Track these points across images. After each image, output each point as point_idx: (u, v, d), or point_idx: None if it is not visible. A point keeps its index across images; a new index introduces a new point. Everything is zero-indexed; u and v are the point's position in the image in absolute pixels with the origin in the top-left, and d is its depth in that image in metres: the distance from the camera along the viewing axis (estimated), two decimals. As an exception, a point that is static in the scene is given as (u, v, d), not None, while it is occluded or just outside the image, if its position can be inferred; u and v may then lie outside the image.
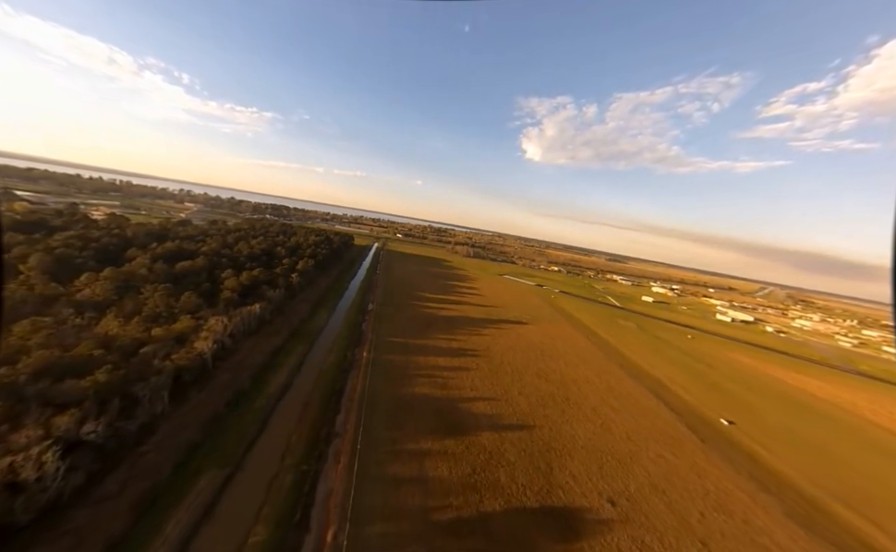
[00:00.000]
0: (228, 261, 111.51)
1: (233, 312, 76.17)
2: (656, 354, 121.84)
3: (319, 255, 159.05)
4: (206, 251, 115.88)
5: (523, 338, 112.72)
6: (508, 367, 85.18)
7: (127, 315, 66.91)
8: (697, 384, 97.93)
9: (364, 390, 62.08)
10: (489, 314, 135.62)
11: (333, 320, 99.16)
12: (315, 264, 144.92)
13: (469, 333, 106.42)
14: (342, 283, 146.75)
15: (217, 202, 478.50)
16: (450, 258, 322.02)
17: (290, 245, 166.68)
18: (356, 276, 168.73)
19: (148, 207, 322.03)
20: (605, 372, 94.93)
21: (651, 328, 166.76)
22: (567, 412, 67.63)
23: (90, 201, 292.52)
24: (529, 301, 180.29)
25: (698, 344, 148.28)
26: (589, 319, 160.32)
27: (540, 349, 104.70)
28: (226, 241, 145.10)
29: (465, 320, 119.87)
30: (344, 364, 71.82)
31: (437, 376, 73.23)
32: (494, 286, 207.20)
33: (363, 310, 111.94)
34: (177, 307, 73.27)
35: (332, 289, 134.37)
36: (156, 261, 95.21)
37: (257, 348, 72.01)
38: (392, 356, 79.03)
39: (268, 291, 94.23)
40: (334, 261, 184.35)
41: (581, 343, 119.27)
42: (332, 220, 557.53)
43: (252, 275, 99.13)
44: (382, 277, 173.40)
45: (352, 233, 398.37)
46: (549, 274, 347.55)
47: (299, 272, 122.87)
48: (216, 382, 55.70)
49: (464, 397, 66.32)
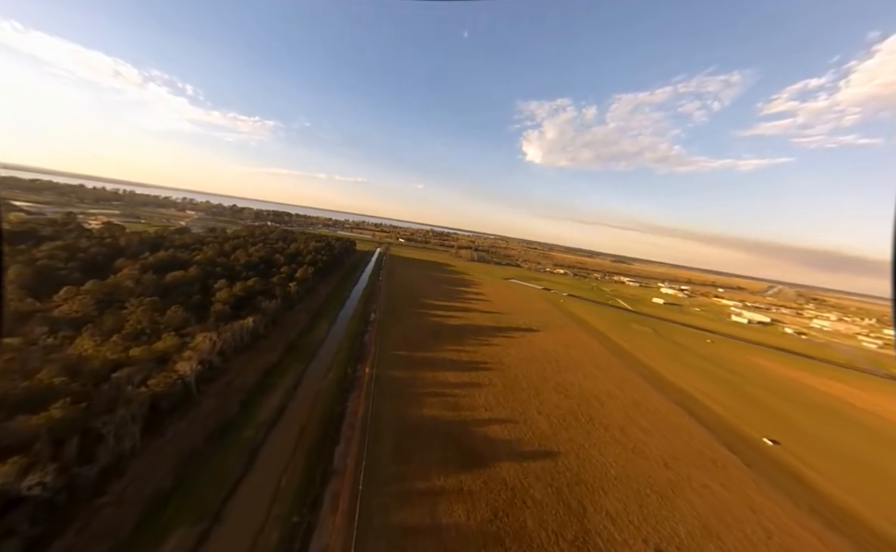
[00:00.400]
0: (223, 271, 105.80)
1: (223, 327, 70.04)
2: (677, 362, 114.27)
3: (319, 262, 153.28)
4: (200, 260, 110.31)
5: (536, 347, 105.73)
6: (523, 382, 78.26)
7: (106, 332, 60.96)
8: (727, 395, 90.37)
9: (367, 414, 55.49)
10: (498, 321, 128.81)
11: (334, 332, 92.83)
12: (315, 271, 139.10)
13: (479, 343, 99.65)
14: (343, 291, 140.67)
15: (219, 210, 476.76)
16: (454, 263, 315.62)
17: (289, 252, 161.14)
18: (358, 283, 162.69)
19: (148, 215, 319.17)
20: (627, 384, 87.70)
21: (667, 332, 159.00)
22: (593, 433, 60.59)
23: (91, 211, 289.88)
24: (538, 306, 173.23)
25: (719, 349, 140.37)
26: (602, 324, 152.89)
27: (555, 359, 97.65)
28: (223, 249, 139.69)
29: (473, 329, 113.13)
30: (344, 382, 65.30)
31: (447, 394, 66.52)
32: (501, 291, 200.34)
33: (365, 320, 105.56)
34: (162, 323, 67.23)
35: (333, 297, 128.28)
36: (145, 272, 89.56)
37: (249, 366, 65.71)
38: (397, 372, 72.43)
39: (263, 302, 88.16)
40: (336, 268, 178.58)
41: (597, 351, 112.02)
42: (335, 225, 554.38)
43: (247, 285, 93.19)
44: (385, 283, 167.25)
45: (354, 238, 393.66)
46: (555, 277, 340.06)
47: (298, 281, 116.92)
48: (200, 409, 49.38)
49: (478, 419, 59.53)
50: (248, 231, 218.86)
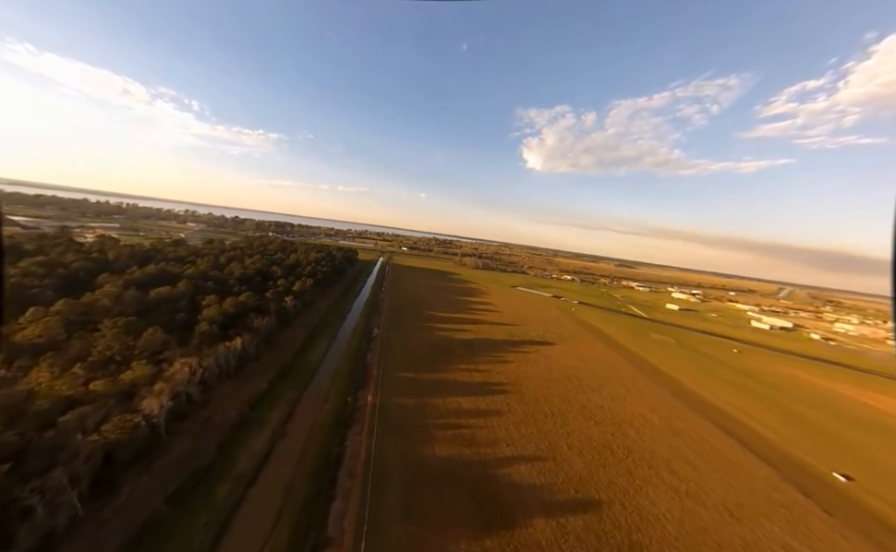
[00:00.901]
0: (214, 285, 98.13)
1: (207, 351, 61.97)
2: (707, 375, 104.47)
3: (319, 273, 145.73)
4: (191, 274, 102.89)
5: (553, 362, 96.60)
6: (546, 406, 69.19)
7: (69, 361, 53.11)
8: (773, 415, 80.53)
9: (369, 456, 46.78)
10: (510, 334, 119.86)
11: (333, 351, 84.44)
12: (315, 284, 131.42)
13: (492, 360, 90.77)
14: (344, 304, 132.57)
15: (220, 221, 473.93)
16: (458, 271, 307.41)
17: (288, 263, 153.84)
18: (360, 294, 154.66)
19: (148, 228, 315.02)
20: (660, 404, 78.26)
21: (689, 341, 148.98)
22: (635, 472, 51.35)
23: (90, 224, 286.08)
24: (550, 315, 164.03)
25: (748, 360, 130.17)
26: (620, 334, 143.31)
27: (577, 377, 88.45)
28: (218, 261, 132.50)
29: (484, 344, 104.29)
30: (343, 414, 56.70)
31: (461, 425, 57.68)
32: (509, 300, 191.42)
33: (368, 336, 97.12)
34: (137, 348, 59.34)
35: (333, 311, 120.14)
36: (128, 288, 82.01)
37: (234, 396, 57.40)
38: (403, 399, 63.74)
39: (256, 319, 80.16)
40: (337, 279, 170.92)
41: (620, 366, 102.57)
42: (337, 235, 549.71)
43: (238, 301, 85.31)
44: (389, 294, 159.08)
45: (356, 247, 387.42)
46: (563, 284, 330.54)
47: (295, 294, 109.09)
48: (167, 457, 41.00)
49: (500, 457, 50.59)
50: (247, 242, 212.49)
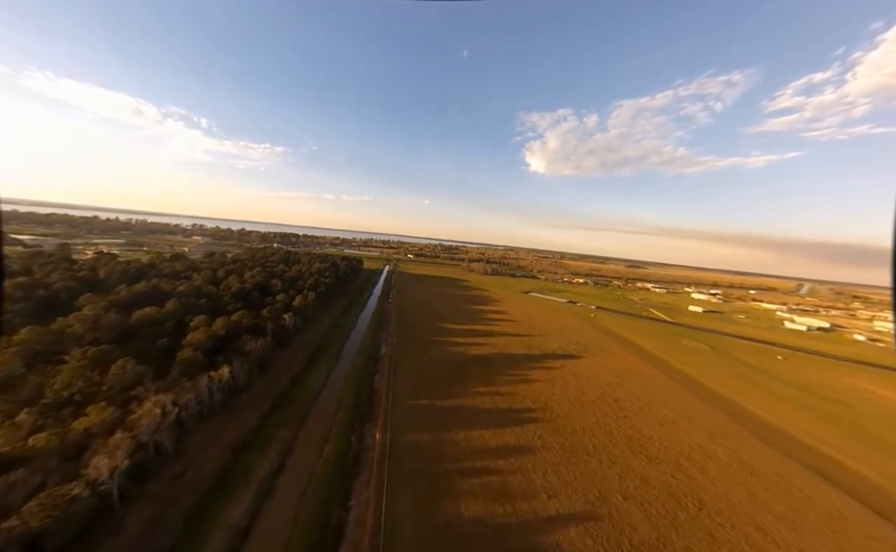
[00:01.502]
0: (207, 303, 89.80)
1: (186, 384, 52.87)
2: (758, 389, 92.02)
3: (322, 285, 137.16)
4: (183, 291, 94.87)
5: (583, 380, 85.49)
6: (586, 438, 58.31)
7: (19, 403, 44.39)
8: (853, 441, 68.05)
9: (380, 525, 36.64)
10: (529, 346, 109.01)
11: (336, 375, 74.82)
12: (317, 296, 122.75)
13: (514, 380, 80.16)
14: (349, 318, 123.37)
15: (226, 234, 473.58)
16: (467, 277, 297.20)
17: (290, 275, 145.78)
18: (366, 307, 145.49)
19: (153, 242, 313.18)
20: (717, 431, 66.59)
21: (725, 348, 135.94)
22: (718, 535, 40.19)
23: (95, 241, 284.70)
24: (569, 323, 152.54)
25: (798, 368, 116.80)
26: (649, 343, 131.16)
27: (613, 397, 77.22)
28: (215, 276, 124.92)
29: (503, 359, 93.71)
30: (346, 461, 46.75)
31: (489, 469, 47.25)
32: (523, 307, 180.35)
33: (374, 356, 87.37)
34: (105, 383, 50.55)
35: (336, 326, 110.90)
36: (109, 310, 73.90)
37: (216, 440, 47.95)
38: (417, 435, 53.61)
39: (249, 342, 71.14)
40: (341, 291, 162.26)
41: (659, 382, 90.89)
42: (342, 244, 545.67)
43: (230, 321, 76.48)
44: (396, 305, 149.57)
45: (361, 256, 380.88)
46: (576, 287, 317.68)
47: (296, 310, 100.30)
48: (116, 540, 31.47)
49: (541, 516, 39.99)
50: (249, 254, 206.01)
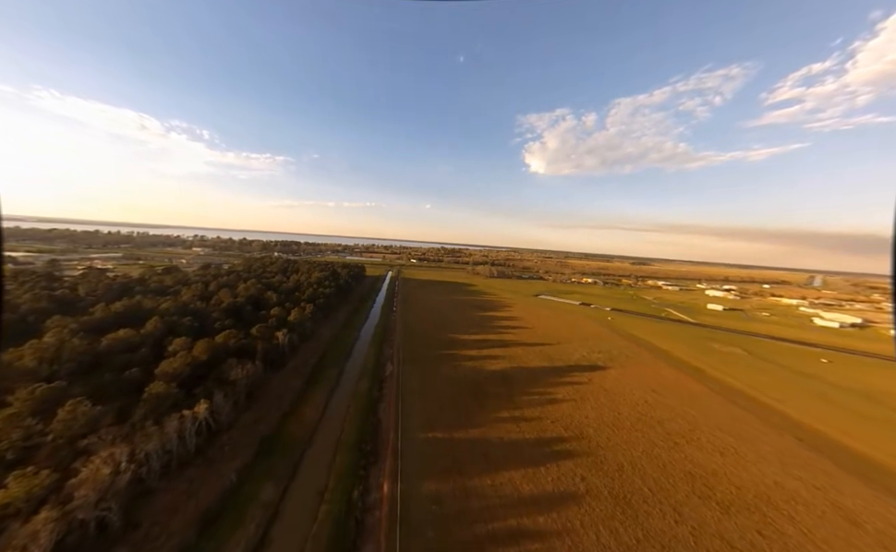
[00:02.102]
0: (193, 321, 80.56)
1: (151, 429, 43.35)
2: (817, 401, 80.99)
3: (321, 296, 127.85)
4: (166, 308, 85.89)
5: (616, 397, 75.09)
6: (636, 478, 48.01)
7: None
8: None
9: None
10: (549, 358, 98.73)
11: (336, 404, 65.01)
12: (316, 308, 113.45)
13: (539, 400, 69.99)
14: (351, 332, 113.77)
15: (227, 244, 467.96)
16: (473, 281, 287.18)
17: (287, 286, 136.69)
18: (369, 317, 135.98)
19: (151, 255, 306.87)
20: (792, 461, 55.95)
21: (761, 351, 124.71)
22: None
23: (92, 255, 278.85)
24: (587, 328, 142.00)
25: (851, 373, 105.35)
26: (678, 348, 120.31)
27: (655, 418, 66.77)
28: (206, 290, 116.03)
29: (523, 375, 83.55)
30: (346, 527, 36.85)
31: (527, 533, 37.14)
32: (537, 312, 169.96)
33: (379, 376, 77.56)
34: (51, 430, 41.20)
35: (337, 343, 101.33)
36: (77, 334, 64.84)
37: (182, 506, 38.26)
38: (434, 484, 43.66)
39: (234, 368, 61.69)
40: (342, 300, 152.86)
41: (701, 396, 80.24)
42: (344, 251, 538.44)
43: (214, 344, 67.07)
44: (401, 315, 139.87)
45: (364, 262, 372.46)
46: (586, 288, 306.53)
47: (291, 326, 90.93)
48: None
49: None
50: (246, 265, 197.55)
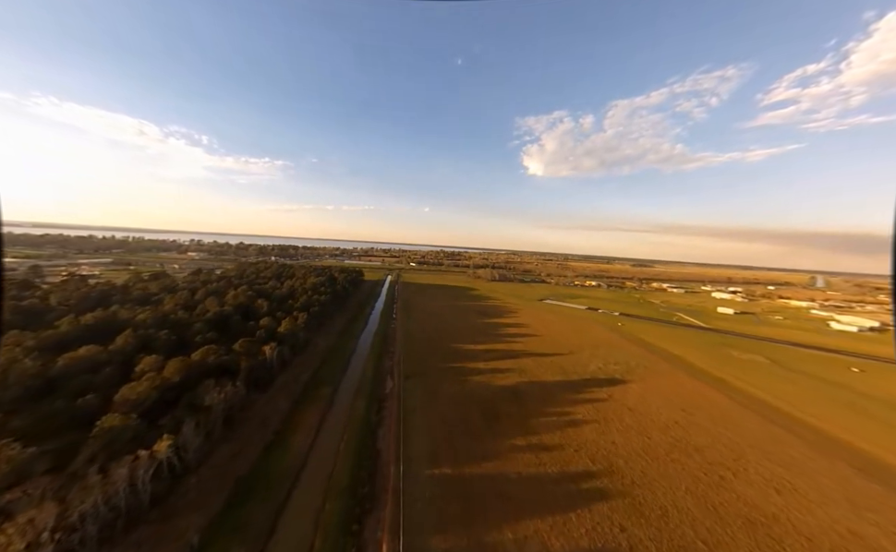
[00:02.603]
0: (169, 335, 72.57)
1: (94, 479, 35.34)
2: (863, 418, 73.11)
3: (316, 303, 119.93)
4: (143, 320, 77.88)
5: (643, 417, 67.21)
6: (685, 526, 40.06)
7: None
8: None
9: None
10: (563, 370, 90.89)
11: (328, 429, 56.91)
12: (310, 317, 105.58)
13: (557, 420, 62.07)
14: (347, 342, 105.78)
15: (223, 249, 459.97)
16: (475, 286, 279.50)
17: (280, 293, 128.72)
18: (367, 324, 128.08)
19: (143, 261, 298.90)
20: (860, 500, 48.10)
21: (782, 358, 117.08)
22: None
23: (80, 261, 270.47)
24: (598, 335, 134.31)
25: (887, 384, 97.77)
26: (696, 357, 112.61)
27: (692, 445, 58.89)
28: (192, 298, 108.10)
29: (537, 391, 75.62)
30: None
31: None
32: (543, 318, 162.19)
33: (378, 394, 69.51)
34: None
35: (332, 355, 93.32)
36: (31, 353, 56.79)
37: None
38: (444, 540, 35.60)
39: (211, 391, 53.65)
40: (339, 308, 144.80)
41: (736, 415, 72.36)
42: (343, 255, 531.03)
43: (189, 362, 59.04)
44: (402, 323, 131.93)
45: (362, 266, 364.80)
46: (590, 291, 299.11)
47: (281, 338, 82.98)
48: None
49: None
50: (239, 270, 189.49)
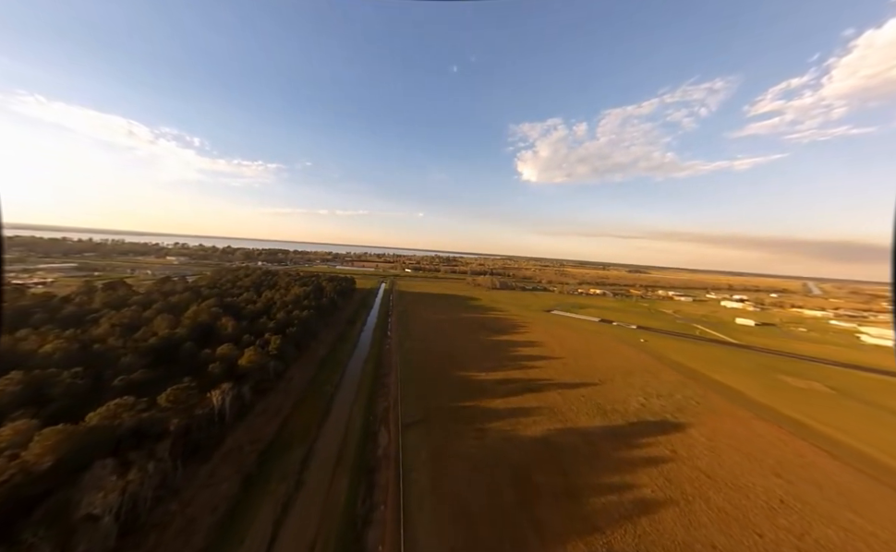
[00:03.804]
0: (81, 374, 52.44)
1: None
2: None
3: (296, 321, 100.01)
4: (49, 352, 57.58)
5: (732, 492, 49.16)
6: None
7: None
8: None
9: None
10: (599, 407, 72.73)
11: (289, 540, 37.53)
12: (287, 339, 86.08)
13: (618, 502, 43.54)
14: (331, 373, 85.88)
15: (206, 253, 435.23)
16: (476, 294, 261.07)
17: (255, 308, 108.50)
18: (357, 346, 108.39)
19: (114, 265, 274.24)
20: None
21: (844, 385, 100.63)
22: None
23: (40, 266, 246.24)
24: (625, 356, 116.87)
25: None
26: (748, 386, 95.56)
27: (826, 547, 41.01)
28: (142, 315, 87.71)
29: (576, 444, 57.07)
30: None
31: None
32: (556, 333, 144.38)
33: (367, 461, 49.91)
34: None
35: (310, 393, 73.47)
36: None
37: None
38: None
39: (104, 481, 34.05)
40: (325, 325, 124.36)
41: (852, 485, 54.67)
42: (335, 260, 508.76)
43: (75, 431, 39.12)
44: (398, 343, 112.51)
45: (355, 272, 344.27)
46: (595, 300, 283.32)
47: (243, 373, 63.28)
48: None
49: None
50: (213, 278, 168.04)
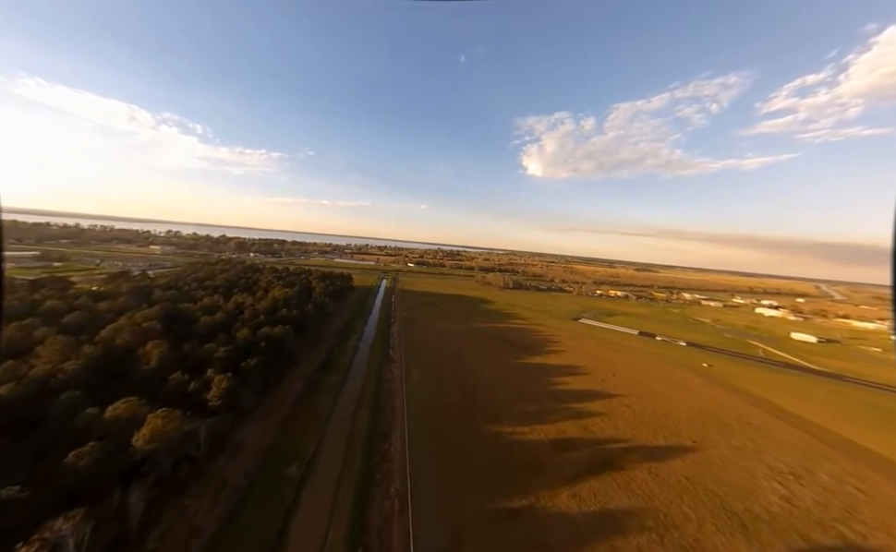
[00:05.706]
0: None
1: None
2: None
3: (264, 342, 72.49)
4: None
5: None
6: None
7: None
8: None
9: None
10: (724, 505, 45.82)
11: None
12: (249, 374, 59.33)
13: None
14: (303, 435, 58.76)
15: (196, 242, 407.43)
16: (488, 295, 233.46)
17: (216, 319, 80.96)
18: (349, 377, 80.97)
19: (84, 255, 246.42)
20: None
21: None
22: None
23: None
24: (699, 391, 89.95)
25: None
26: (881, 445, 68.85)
27: None
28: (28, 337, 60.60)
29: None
30: None
31: None
32: (598, 353, 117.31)
33: None
34: None
35: (263, 478, 46.45)
36: None
37: None
38: None
39: None
40: (310, 340, 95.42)
41: None
42: (333, 252, 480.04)
43: None
44: (403, 372, 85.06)
45: (355, 265, 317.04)
46: (619, 305, 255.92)
47: (143, 458, 36.44)
48: None
49: None
50: (175, 276, 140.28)
